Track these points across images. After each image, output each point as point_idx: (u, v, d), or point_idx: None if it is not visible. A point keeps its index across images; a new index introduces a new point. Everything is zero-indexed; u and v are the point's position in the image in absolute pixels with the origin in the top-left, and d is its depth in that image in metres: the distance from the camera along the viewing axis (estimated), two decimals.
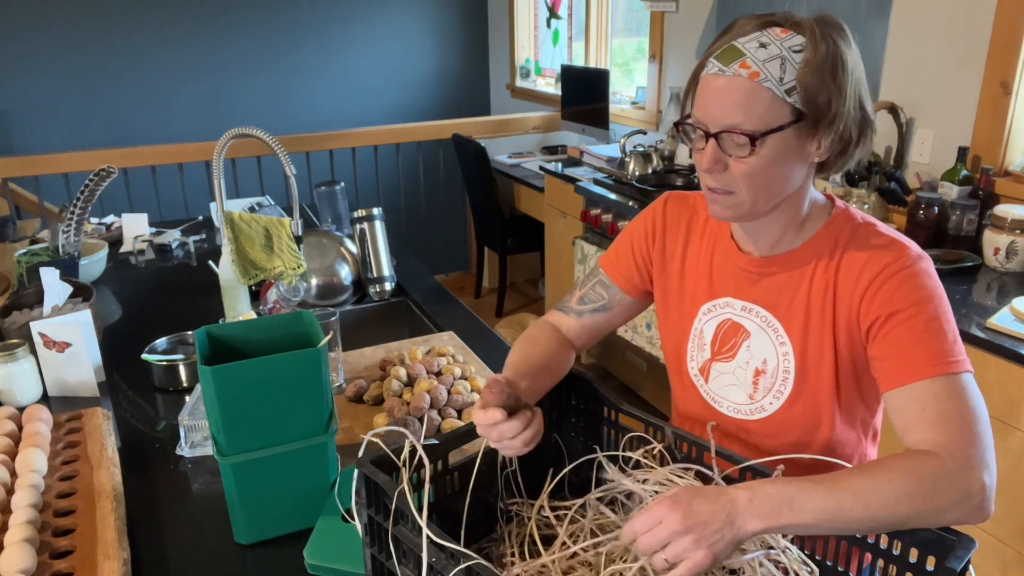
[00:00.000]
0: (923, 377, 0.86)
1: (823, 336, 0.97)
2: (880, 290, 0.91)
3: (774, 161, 0.90)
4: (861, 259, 0.94)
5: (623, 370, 3.32)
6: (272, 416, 1.03)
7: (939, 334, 0.88)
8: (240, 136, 1.65)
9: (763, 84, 0.87)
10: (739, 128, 0.88)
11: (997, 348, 1.69)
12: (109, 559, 0.98)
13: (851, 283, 0.94)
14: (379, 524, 0.84)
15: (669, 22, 3.51)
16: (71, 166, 3.64)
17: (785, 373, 1.01)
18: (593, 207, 3.21)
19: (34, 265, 1.83)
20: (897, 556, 0.78)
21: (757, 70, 0.87)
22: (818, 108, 0.88)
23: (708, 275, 1.07)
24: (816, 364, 0.99)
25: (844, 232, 0.97)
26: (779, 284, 1.00)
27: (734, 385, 1.06)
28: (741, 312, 1.04)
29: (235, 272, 1.68)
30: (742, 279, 1.04)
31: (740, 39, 0.89)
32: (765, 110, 0.87)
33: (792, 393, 1.01)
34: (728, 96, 0.88)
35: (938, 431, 0.83)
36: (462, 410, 1.37)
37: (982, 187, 2.19)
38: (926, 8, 2.33)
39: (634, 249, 1.15)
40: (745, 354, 1.04)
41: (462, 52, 5.12)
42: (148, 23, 4.30)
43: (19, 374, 1.44)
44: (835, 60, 0.87)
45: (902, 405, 0.87)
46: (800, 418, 1.02)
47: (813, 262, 0.98)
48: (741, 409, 1.06)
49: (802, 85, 0.87)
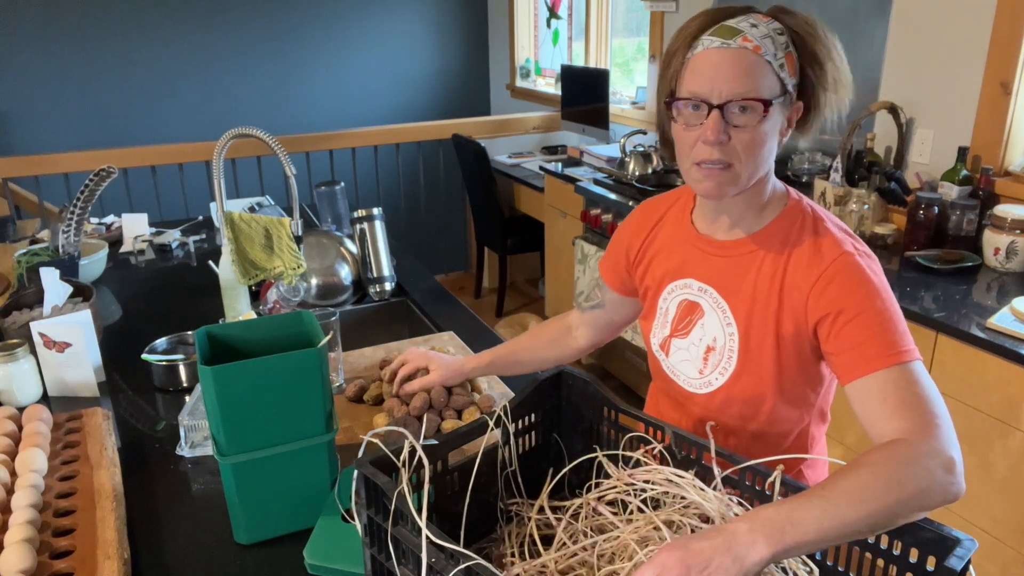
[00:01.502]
0: (879, 368, 0.90)
1: (766, 320, 1.02)
2: (828, 287, 0.96)
3: (771, 131, 0.96)
4: (808, 254, 0.99)
5: (623, 370, 3.33)
6: (272, 416, 1.03)
7: (888, 327, 0.93)
8: (240, 136, 1.65)
9: (764, 57, 0.93)
10: (752, 95, 0.93)
11: (997, 348, 1.69)
12: (109, 559, 0.98)
13: (799, 277, 0.99)
14: (379, 524, 0.84)
15: (669, 22, 3.51)
16: (71, 166, 3.64)
17: (730, 352, 1.06)
18: (593, 207, 3.21)
19: (34, 265, 1.83)
20: (897, 556, 0.78)
21: (758, 44, 0.93)
22: (800, 86, 0.97)
23: (674, 257, 1.13)
24: (758, 345, 1.03)
25: (796, 224, 1.02)
26: (731, 267, 1.06)
27: (687, 361, 1.12)
28: (698, 292, 1.10)
29: (235, 272, 1.68)
30: (699, 260, 1.09)
31: (731, 20, 0.95)
32: (768, 80, 0.94)
33: (735, 371, 1.06)
34: (736, 66, 0.93)
35: (902, 417, 0.86)
36: (462, 410, 1.37)
37: (982, 187, 2.19)
38: (926, 8, 2.33)
39: (618, 249, 1.24)
40: (699, 331, 1.10)
41: (462, 52, 5.12)
42: (148, 23, 4.30)
43: (19, 374, 1.44)
44: (811, 47, 0.96)
45: (863, 397, 0.91)
46: (742, 393, 1.07)
47: (764, 250, 1.03)
48: (692, 383, 1.12)
49: (788, 63, 0.95)
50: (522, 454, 1.03)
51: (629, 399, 1.01)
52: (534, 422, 1.04)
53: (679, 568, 0.72)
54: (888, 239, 2.31)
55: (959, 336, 1.78)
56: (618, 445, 1.02)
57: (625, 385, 3.31)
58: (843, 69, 0.98)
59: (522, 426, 1.02)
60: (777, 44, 0.94)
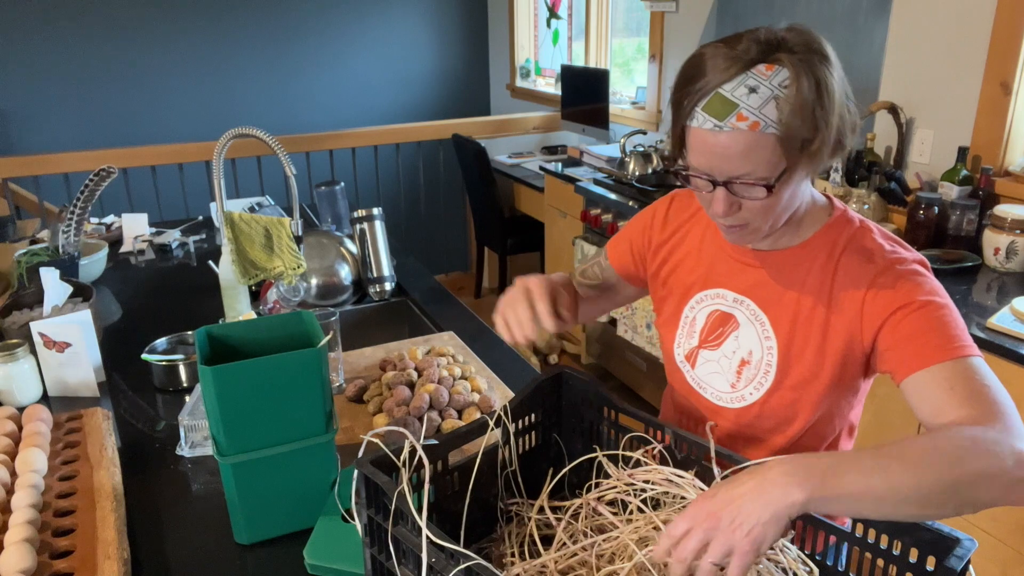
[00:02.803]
0: (943, 359, 0.86)
1: (809, 336, 0.99)
2: (882, 291, 0.92)
3: (786, 191, 0.91)
4: (860, 261, 0.95)
5: (623, 370, 3.32)
6: (272, 416, 1.03)
7: (949, 323, 0.89)
8: (240, 136, 1.65)
9: (765, 131, 0.84)
10: (751, 177, 0.87)
11: (997, 348, 1.69)
12: (109, 559, 0.98)
13: (851, 285, 0.95)
14: (379, 524, 0.84)
15: (669, 22, 3.51)
16: (71, 166, 3.64)
17: (768, 366, 1.03)
18: (593, 207, 3.21)
19: (34, 265, 1.83)
20: (897, 556, 0.77)
21: (756, 119, 0.84)
22: (816, 135, 0.86)
23: (704, 265, 1.10)
24: (799, 360, 1.00)
25: (842, 236, 0.98)
26: (772, 280, 1.02)
27: (718, 373, 1.08)
28: (733, 303, 1.06)
29: (235, 272, 1.68)
30: (736, 271, 1.05)
31: (727, 86, 0.85)
32: (772, 154, 0.86)
33: (772, 386, 1.03)
34: (731, 150, 0.86)
35: (972, 407, 0.81)
36: (462, 410, 1.37)
37: (982, 187, 2.19)
38: (926, 8, 2.33)
39: (632, 237, 1.20)
40: (732, 344, 1.06)
41: (462, 52, 5.12)
42: (148, 23, 4.30)
43: (19, 374, 1.44)
44: (820, 87, 0.84)
45: (926, 388, 0.86)
46: (776, 410, 1.04)
47: (809, 262, 0.99)
48: (723, 396, 1.08)
49: (800, 118, 0.84)
50: (522, 454, 1.03)
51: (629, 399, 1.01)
52: (534, 422, 1.04)
53: (710, 521, 0.70)
54: None
55: None
56: (618, 445, 1.02)
57: (625, 385, 3.31)
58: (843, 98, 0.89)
59: (522, 426, 1.02)
60: (783, 102, 0.83)
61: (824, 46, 0.88)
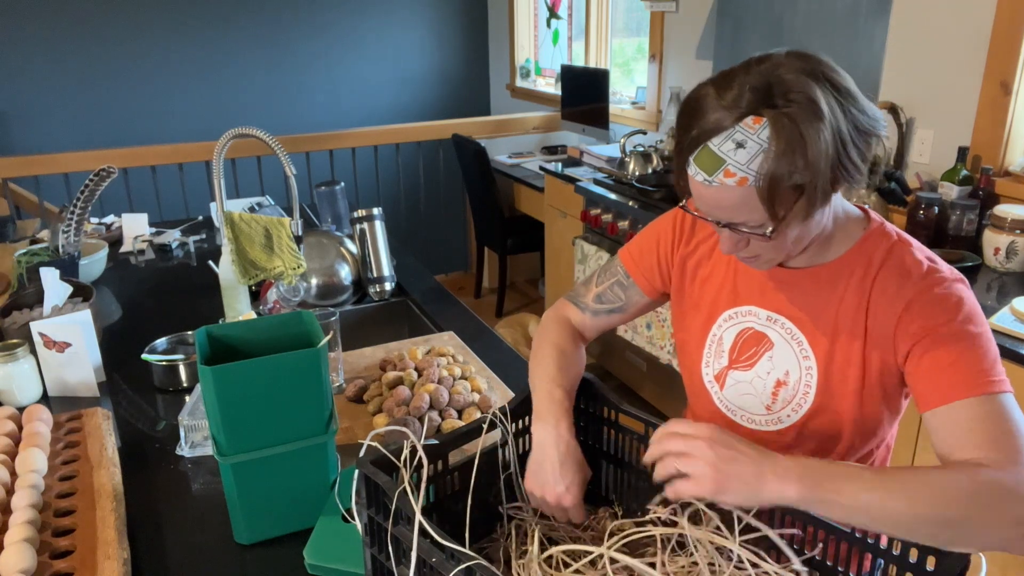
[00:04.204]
0: (965, 396, 0.83)
1: (850, 354, 0.95)
2: (917, 313, 0.89)
3: (796, 227, 0.88)
4: (897, 280, 0.92)
5: (623, 370, 3.32)
6: (272, 416, 1.03)
7: (979, 353, 0.86)
8: (240, 136, 1.65)
9: (751, 187, 0.83)
10: (747, 226, 0.87)
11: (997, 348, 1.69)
12: (109, 559, 0.98)
13: (886, 304, 0.92)
14: (379, 524, 0.84)
15: (669, 22, 3.51)
16: (71, 166, 3.64)
17: (807, 387, 0.99)
18: (593, 207, 3.21)
19: (34, 265, 1.83)
20: (897, 556, 0.77)
21: (744, 175, 0.82)
22: (809, 182, 0.82)
23: (732, 281, 1.05)
24: (840, 381, 0.97)
25: (879, 250, 0.95)
26: (808, 297, 0.98)
27: (750, 395, 1.04)
28: (766, 322, 1.01)
29: (235, 272, 1.68)
30: (769, 288, 1.01)
31: (715, 140, 0.82)
32: (761, 206, 0.84)
33: (812, 408, 0.99)
34: (723, 202, 0.86)
35: (989, 450, 0.80)
36: (462, 410, 1.37)
37: (982, 187, 2.19)
38: (926, 8, 2.33)
39: (659, 248, 1.12)
40: (767, 364, 1.02)
41: (462, 52, 5.12)
42: (148, 23, 4.30)
43: (19, 374, 1.44)
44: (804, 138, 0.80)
45: (946, 425, 0.84)
46: (817, 432, 1.00)
47: (846, 279, 0.96)
48: (756, 419, 1.04)
49: (788, 169, 0.81)
50: (522, 454, 1.03)
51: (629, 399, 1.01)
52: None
53: (706, 447, 0.73)
54: None
55: None
56: (618, 445, 1.02)
57: (625, 385, 3.31)
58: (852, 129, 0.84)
59: (522, 426, 1.02)
60: (781, 154, 0.80)
61: (822, 76, 0.82)
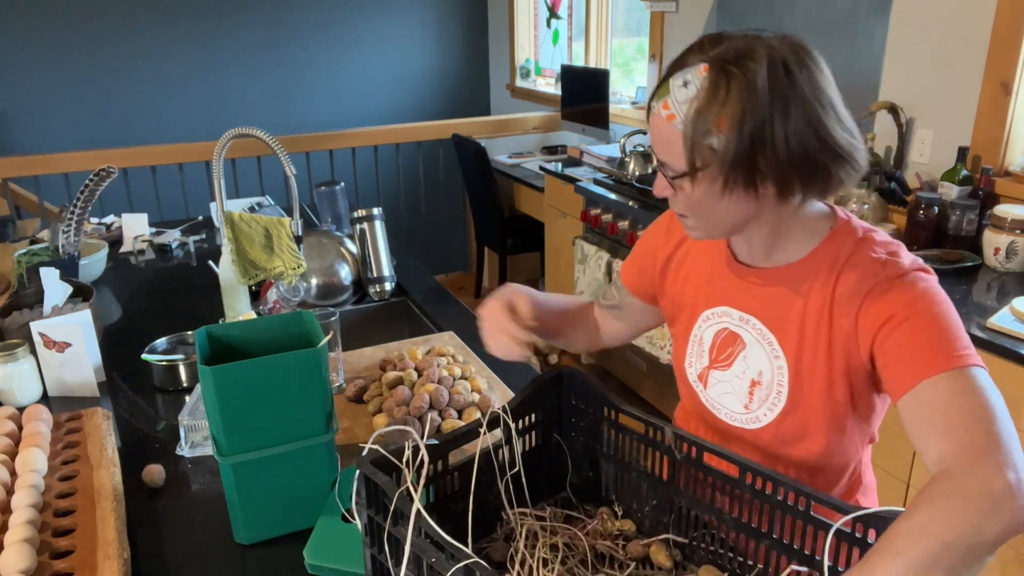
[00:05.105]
0: (927, 375, 0.82)
1: (817, 352, 0.95)
2: (876, 301, 0.89)
3: (707, 197, 0.89)
4: (858, 276, 0.91)
5: (623, 370, 3.32)
6: (272, 416, 1.03)
7: (941, 330, 0.84)
8: (240, 136, 1.65)
9: (676, 127, 0.86)
10: (668, 169, 0.91)
11: (997, 348, 1.69)
12: (109, 559, 0.98)
13: (847, 301, 0.92)
14: (379, 524, 0.84)
15: (669, 22, 3.51)
16: (71, 166, 3.64)
17: (779, 387, 1.00)
18: (593, 207, 3.21)
19: (34, 265, 1.83)
20: None
21: (673, 112, 0.86)
22: (738, 157, 0.83)
23: (708, 283, 1.07)
24: (810, 379, 0.97)
25: (845, 247, 0.94)
26: (775, 297, 0.98)
27: (730, 394, 1.05)
28: (739, 322, 1.03)
29: (235, 272, 1.68)
30: (739, 289, 1.02)
31: (676, 74, 0.86)
32: (678, 149, 0.87)
33: (786, 407, 1.00)
34: (658, 135, 0.90)
35: (948, 440, 0.78)
36: (462, 410, 1.37)
37: (982, 187, 2.19)
38: (926, 8, 2.33)
39: (643, 256, 1.18)
40: (741, 364, 1.03)
41: (462, 52, 5.12)
42: (148, 23, 4.30)
43: (19, 374, 1.44)
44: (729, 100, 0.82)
45: (912, 415, 0.83)
46: (795, 429, 1.01)
47: (811, 278, 0.95)
48: (737, 417, 1.05)
49: (713, 132, 0.83)
50: (523, 454, 1.02)
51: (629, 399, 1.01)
52: (534, 422, 1.04)
53: None
54: None
55: None
56: (618, 445, 1.02)
57: (625, 385, 3.31)
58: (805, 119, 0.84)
59: (523, 426, 1.02)
60: (703, 106, 0.83)
61: (790, 66, 0.83)
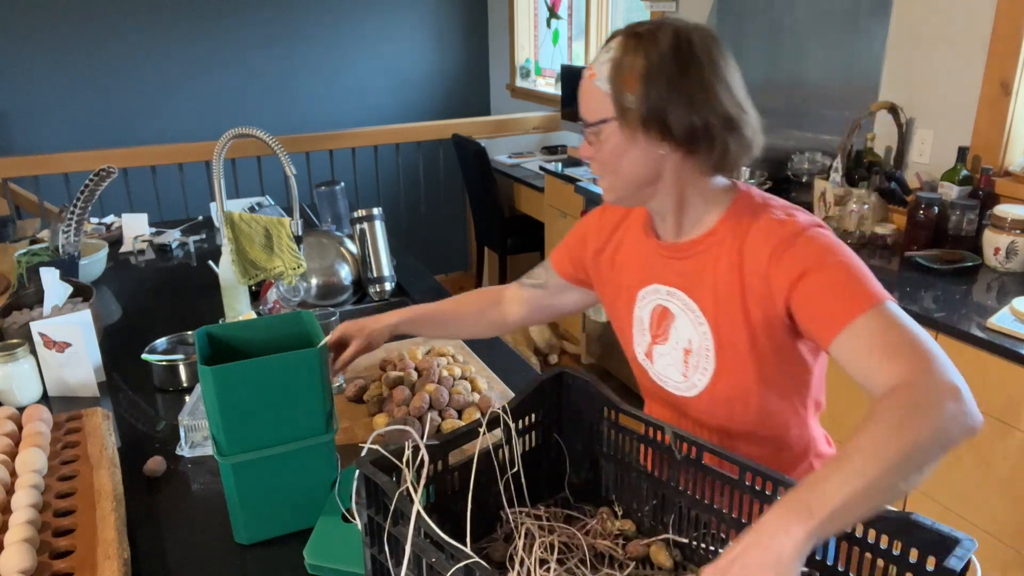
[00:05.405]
0: (855, 316, 0.89)
1: (733, 314, 1.02)
2: (782, 259, 0.96)
3: (614, 152, 1.01)
4: (761, 237, 1.00)
5: (623, 370, 3.32)
6: (272, 416, 1.03)
7: (853, 275, 0.92)
8: (240, 136, 1.65)
9: (595, 83, 1.01)
10: (585, 119, 1.03)
11: (997, 348, 1.69)
12: (109, 559, 0.98)
13: (755, 260, 0.99)
14: (379, 524, 0.84)
15: None
16: (71, 166, 3.64)
17: (706, 352, 1.07)
18: (593, 207, 3.21)
19: (34, 265, 1.83)
20: (897, 556, 0.78)
21: (595, 71, 1.01)
22: (640, 109, 0.97)
23: (638, 264, 1.15)
24: (731, 341, 1.04)
25: (746, 214, 1.03)
26: (691, 268, 1.07)
27: (671, 365, 1.13)
28: (667, 296, 1.10)
29: (235, 272, 1.68)
30: (663, 265, 1.11)
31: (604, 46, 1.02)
32: (596, 104, 1.01)
33: (716, 369, 1.06)
34: (581, 96, 1.04)
35: (893, 361, 0.84)
36: (462, 410, 1.37)
37: (982, 187, 2.19)
38: (926, 8, 2.33)
39: (571, 243, 1.29)
40: (675, 335, 1.11)
41: (462, 52, 5.12)
42: (148, 23, 4.30)
43: (19, 374, 1.44)
44: (625, 61, 0.97)
45: (848, 352, 0.89)
46: (727, 391, 1.07)
47: (719, 244, 1.04)
48: (679, 387, 1.12)
49: (622, 87, 0.97)
50: (523, 454, 1.03)
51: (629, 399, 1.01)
52: (534, 422, 1.04)
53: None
54: (888, 239, 2.31)
55: (959, 336, 1.78)
56: (618, 445, 1.02)
57: (625, 385, 3.31)
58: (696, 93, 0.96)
59: (522, 426, 1.02)
60: (615, 67, 0.98)
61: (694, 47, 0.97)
